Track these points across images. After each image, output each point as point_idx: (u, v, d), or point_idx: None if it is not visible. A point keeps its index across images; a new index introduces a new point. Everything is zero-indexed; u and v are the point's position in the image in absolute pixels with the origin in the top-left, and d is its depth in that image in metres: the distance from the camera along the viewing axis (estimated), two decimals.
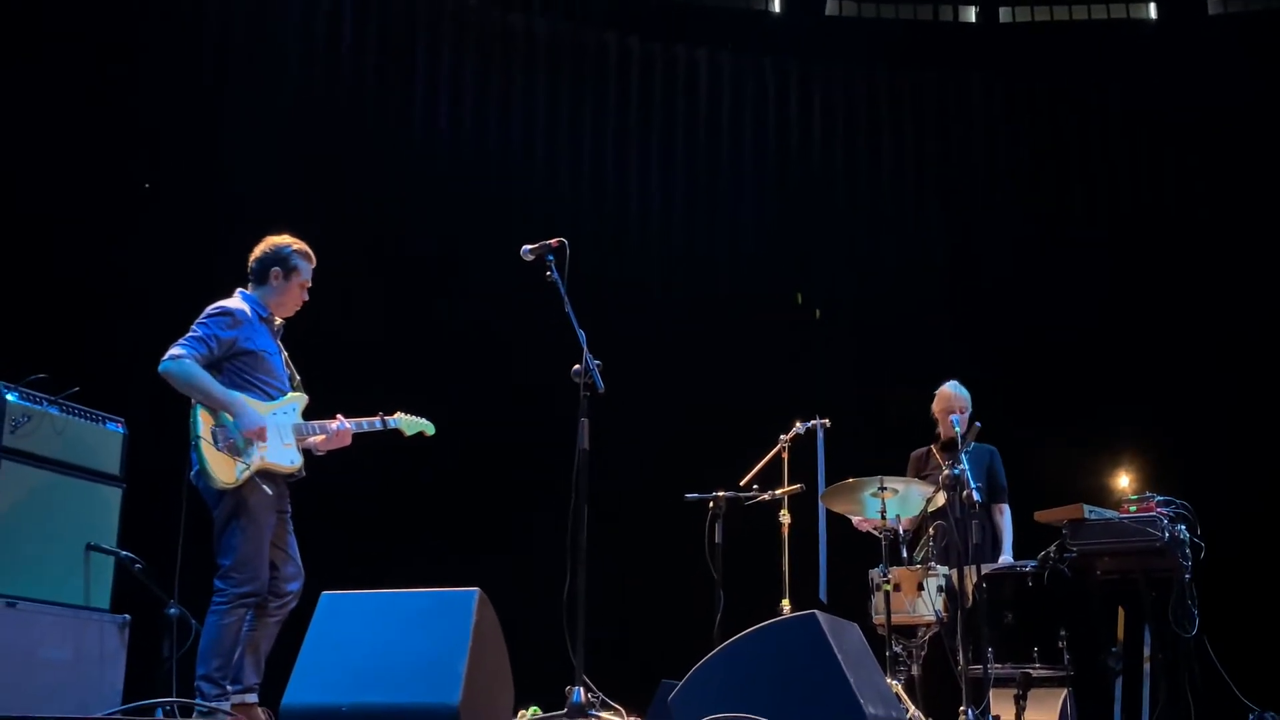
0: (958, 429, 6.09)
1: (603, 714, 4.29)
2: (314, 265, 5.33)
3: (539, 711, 5.23)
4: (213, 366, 4.97)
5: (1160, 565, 6.04)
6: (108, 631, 5.34)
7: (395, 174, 8.65)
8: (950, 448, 6.36)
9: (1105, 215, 9.11)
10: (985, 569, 5.80)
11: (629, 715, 4.75)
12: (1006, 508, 6.74)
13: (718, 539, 6.52)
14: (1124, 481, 6.61)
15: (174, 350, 4.91)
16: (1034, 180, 9.46)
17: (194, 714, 4.67)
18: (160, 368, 4.89)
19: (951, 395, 6.72)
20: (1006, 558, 6.53)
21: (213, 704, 4.67)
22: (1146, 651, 6.04)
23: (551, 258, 4.75)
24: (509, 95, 9.17)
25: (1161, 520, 5.99)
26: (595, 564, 4.38)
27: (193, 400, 4.90)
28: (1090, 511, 6.09)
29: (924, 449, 6.89)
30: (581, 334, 4.59)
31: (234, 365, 5.05)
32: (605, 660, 5.12)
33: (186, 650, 5.21)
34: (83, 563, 5.33)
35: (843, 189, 9.63)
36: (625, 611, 7.56)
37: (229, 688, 4.79)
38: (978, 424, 6.65)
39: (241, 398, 4.95)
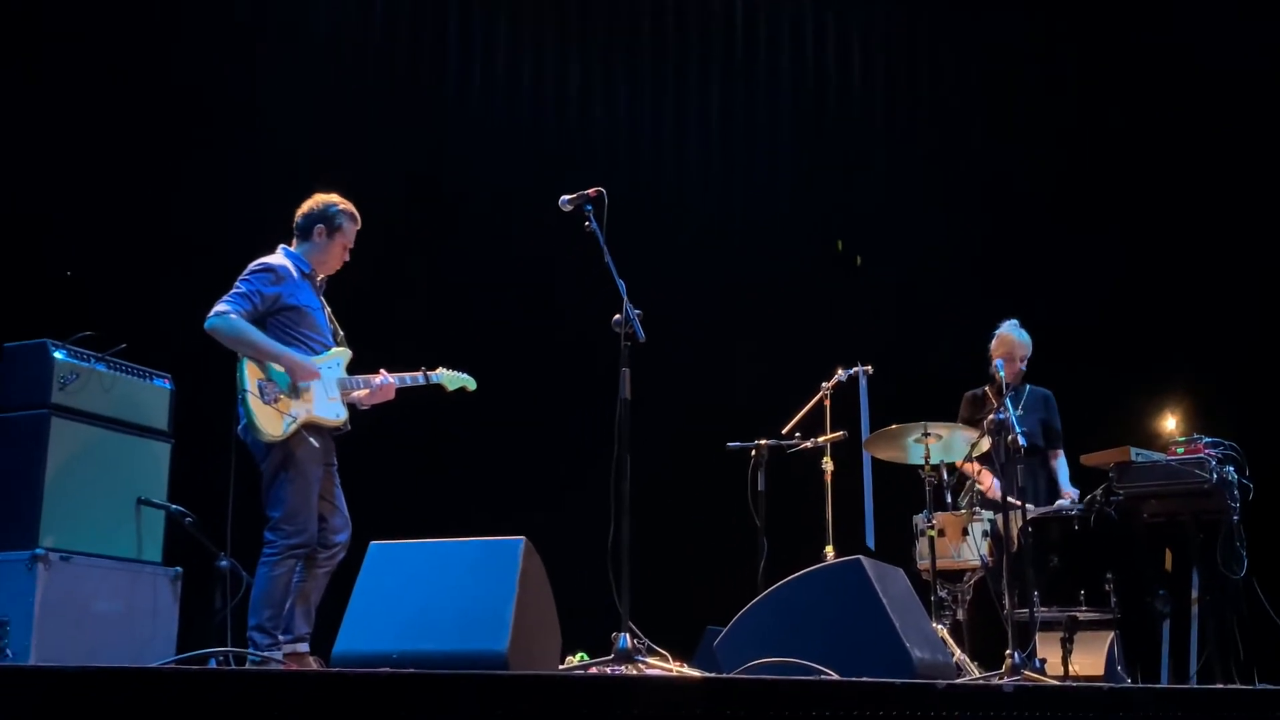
0: (1001, 374, 6.04)
1: (649, 659, 4.31)
2: (359, 227, 5.35)
3: (586, 657, 5.28)
4: (257, 322, 5.01)
5: (1208, 507, 5.99)
6: (160, 584, 5.44)
7: (430, 132, 8.62)
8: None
9: (1153, 153, 8.94)
10: (1031, 513, 5.75)
11: (675, 661, 4.77)
12: (1061, 453, 6.67)
13: (760, 487, 6.53)
14: (1171, 423, 6.55)
15: (219, 306, 4.96)
16: (1080, 119, 9.29)
17: (247, 663, 4.75)
18: (206, 324, 4.94)
19: (1014, 341, 6.61)
20: (1071, 490, 6.45)
21: (265, 653, 4.74)
22: (1194, 594, 6.00)
23: (590, 208, 4.71)
24: (541, 46, 9.11)
25: (1209, 462, 5.94)
26: (639, 513, 4.39)
27: (239, 355, 4.95)
28: (1137, 454, 6.05)
29: (980, 390, 6.79)
30: (621, 284, 4.56)
31: (278, 321, 5.09)
32: (650, 608, 5.14)
33: (238, 602, 5.30)
34: (134, 517, 5.41)
35: (882, 132, 9.52)
36: (669, 560, 7.59)
37: (281, 637, 4.87)
38: (1022, 367, 6.61)
39: (289, 349, 5.02)
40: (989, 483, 6.44)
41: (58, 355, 5.27)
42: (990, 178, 9.26)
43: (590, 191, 4.71)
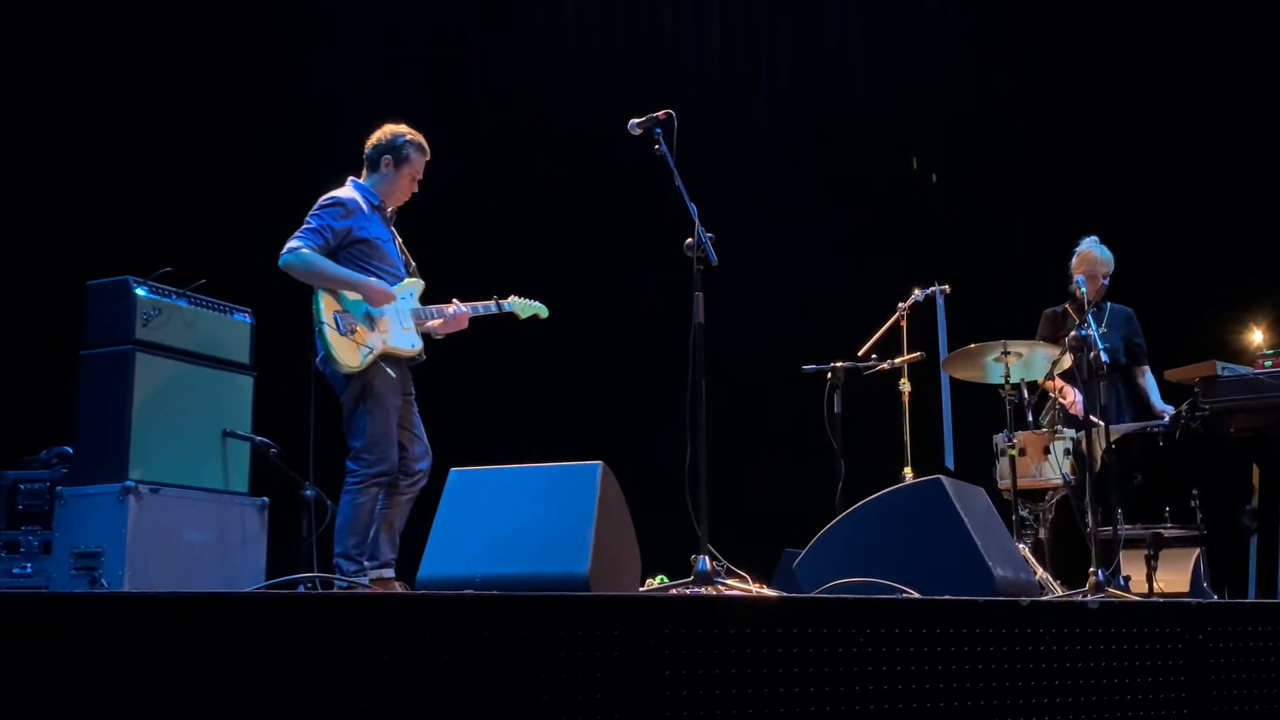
0: (1083, 291, 5.92)
1: (728, 581, 4.32)
2: (427, 158, 5.35)
3: (666, 579, 5.32)
4: (329, 256, 5.05)
5: None
6: (248, 514, 5.56)
7: (495, 50, 8.57)
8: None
9: (1234, 63, 8.63)
10: (1115, 430, 5.66)
11: (754, 583, 4.78)
12: (1148, 370, 6.58)
13: (837, 409, 6.49)
14: (1258, 336, 6.40)
15: (291, 243, 5.00)
16: (1167, 36, 8.97)
17: (334, 589, 4.84)
18: (280, 261, 4.98)
19: (1095, 258, 6.50)
20: (1165, 407, 6.37)
21: (352, 579, 4.84)
22: None
23: (659, 130, 4.65)
24: None
25: None
26: (715, 437, 4.38)
27: (314, 288, 4.99)
28: (1223, 368, 5.92)
29: (1059, 307, 6.69)
30: (693, 207, 4.51)
31: (350, 254, 5.13)
32: (728, 531, 5.15)
33: (323, 530, 5.40)
34: (220, 449, 5.53)
35: (956, 47, 9.30)
36: (747, 484, 7.59)
37: (366, 563, 4.95)
38: (1105, 283, 6.49)
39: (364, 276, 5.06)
40: (1071, 397, 6.35)
41: (139, 291, 5.36)
42: (1068, 91, 9.03)
43: (659, 114, 4.64)
